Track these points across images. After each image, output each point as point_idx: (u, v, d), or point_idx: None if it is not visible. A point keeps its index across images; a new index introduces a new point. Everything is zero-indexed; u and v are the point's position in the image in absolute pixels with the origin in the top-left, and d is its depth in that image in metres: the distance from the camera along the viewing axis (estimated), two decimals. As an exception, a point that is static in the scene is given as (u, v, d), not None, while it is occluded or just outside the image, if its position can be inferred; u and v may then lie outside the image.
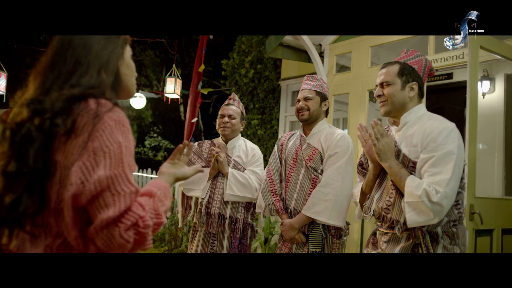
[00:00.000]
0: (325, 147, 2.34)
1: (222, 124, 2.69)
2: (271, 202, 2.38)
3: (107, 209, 0.87)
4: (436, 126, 1.70)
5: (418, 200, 1.59)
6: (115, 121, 0.92)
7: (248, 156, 2.72)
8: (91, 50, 1.01)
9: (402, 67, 1.83)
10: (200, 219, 2.61)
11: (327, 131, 2.41)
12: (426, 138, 1.68)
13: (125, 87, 1.09)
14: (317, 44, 4.82)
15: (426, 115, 1.81)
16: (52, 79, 0.97)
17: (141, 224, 0.89)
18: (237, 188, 2.56)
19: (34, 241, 0.92)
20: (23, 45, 7.21)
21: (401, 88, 1.80)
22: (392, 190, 1.73)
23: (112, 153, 0.89)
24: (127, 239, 0.87)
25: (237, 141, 2.74)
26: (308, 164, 2.34)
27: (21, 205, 0.88)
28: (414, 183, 1.62)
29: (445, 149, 1.64)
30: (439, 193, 1.58)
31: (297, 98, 2.48)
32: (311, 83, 2.47)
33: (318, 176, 2.32)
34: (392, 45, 4.92)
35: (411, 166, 1.70)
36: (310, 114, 2.40)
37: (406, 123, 1.80)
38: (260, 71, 6.83)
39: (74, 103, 0.92)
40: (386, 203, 1.73)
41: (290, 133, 2.60)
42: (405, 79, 1.81)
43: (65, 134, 0.90)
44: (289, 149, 2.47)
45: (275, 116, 6.58)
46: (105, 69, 1.01)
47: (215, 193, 2.61)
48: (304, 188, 2.33)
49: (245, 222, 2.61)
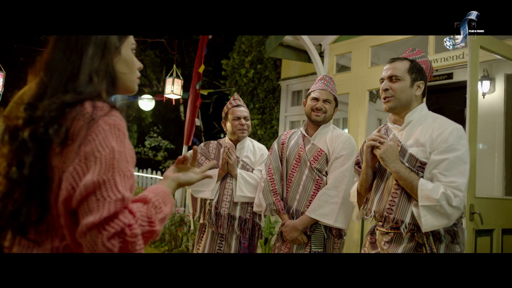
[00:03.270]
0: (331, 149, 2.33)
1: (239, 126, 2.67)
2: (272, 202, 2.37)
3: (90, 215, 0.84)
4: (445, 127, 1.68)
5: (436, 203, 1.57)
6: (110, 126, 0.89)
7: (256, 156, 2.72)
8: (84, 51, 0.98)
9: (413, 65, 1.80)
10: (209, 220, 2.60)
11: (333, 133, 2.40)
12: (436, 138, 1.66)
13: (122, 85, 1.06)
14: (317, 44, 4.82)
15: (430, 115, 1.80)
16: (47, 81, 0.95)
17: (128, 232, 0.86)
18: (247, 188, 2.56)
19: (40, 246, 0.92)
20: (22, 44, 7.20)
21: (410, 85, 1.78)
22: (395, 191, 1.71)
23: (104, 158, 0.86)
24: (109, 248, 0.84)
25: (245, 141, 2.75)
26: (313, 165, 2.32)
27: (23, 215, 0.87)
28: (430, 186, 1.60)
29: (458, 152, 1.62)
30: (458, 197, 1.57)
31: (314, 96, 2.41)
32: (330, 85, 2.44)
33: (322, 178, 2.31)
34: (392, 45, 4.92)
35: (418, 166, 1.68)
36: (325, 117, 2.39)
37: (410, 122, 1.78)
38: (260, 71, 6.83)
39: (67, 109, 0.90)
40: (389, 204, 1.71)
41: (290, 132, 2.58)
42: (414, 77, 1.79)
43: (61, 143, 0.88)
44: (291, 148, 2.45)
45: (275, 116, 6.58)
46: (97, 73, 0.97)
47: (224, 194, 2.61)
48: (307, 190, 2.32)
49: (254, 222, 2.62)
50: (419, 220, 1.61)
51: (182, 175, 1.15)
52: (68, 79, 0.94)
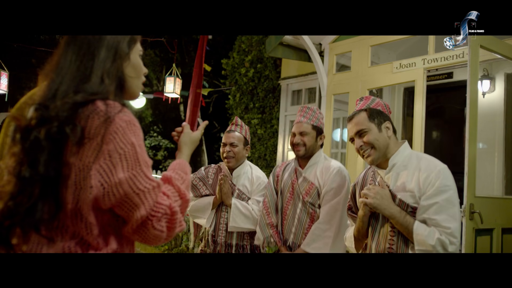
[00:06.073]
0: (321, 182, 2.29)
1: (224, 154, 2.60)
2: (269, 235, 2.37)
3: (138, 209, 0.92)
4: (431, 169, 1.66)
5: (432, 249, 1.57)
6: (126, 122, 0.94)
7: (253, 185, 2.64)
8: (95, 54, 1.00)
9: (369, 112, 1.78)
10: (208, 247, 2.61)
11: (323, 164, 2.34)
12: (423, 183, 1.64)
13: (129, 90, 1.09)
14: (317, 43, 4.82)
15: (414, 155, 1.76)
16: (58, 82, 0.97)
17: (170, 212, 0.95)
18: (240, 219, 2.52)
19: (49, 243, 0.92)
20: (23, 44, 7.20)
21: (379, 131, 1.75)
22: (392, 237, 1.70)
23: (128, 155, 0.92)
24: (160, 230, 0.94)
25: (242, 168, 2.65)
26: (305, 199, 2.30)
27: (38, 212, 0.89)
28: (425, 232, 1.59)
29: (446, 194, 1.61)
30: (453, 243, 1.57)
31: (292, 130, 2.39)
32: (307, 115, 2.36)
33: (316, 211, 2.28)
34: (392, 44, 4.93)
35: (410, 211, 1.66)
36: (306, 150, 2.32)
37: (394, 164, 1.75)
38: (260, 71, 6.83)
39: (80, 109, 0.92)
40: (387, 250, 1.71)
41: (284, 164, 2.54)
42: (378, 121, 1.76)
43: (77, 142, 0.90)
44: (285, 181, 2.42)
45: (275, 116, 6.58)
46: (108, 75, 1.01)
47: (220, 222, 2.59)
48: (302, 223, 2.30)
49: (253, 247, 2.59)
50: None
51: (182, 137, 1.30)
52: (80, 81, 0.97)
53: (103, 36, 1.03)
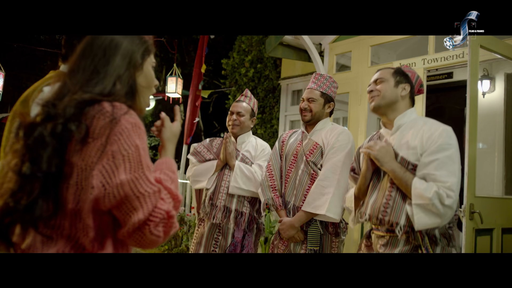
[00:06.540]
0: (325, 142, 2.33)
1: (230, 121, 2.68)
2: (270, 197, 2.37)
3: (136, 212, 0.91)
4: (435, 128, 1.71)
5: (429, 202, 1.59)
6: (132, 124, 0.94)
7: (257, 151, 2.70)
8: (110, 61, 1.02)
9: (397, 69, 1.88)
10: (203, 209, 2.59)
11: (329, 128, 2.40)
12: (427, 141, 1.68)
13: (138, 99, 1.09)
14: (317, 43, 4.82)
15: (420, 119, 1.82)
16: (70, 85, 0.98)
17: (167, 216, 0.94)
18: (242, 181, 2.53)
19: (45, 242, 0.92)
20: (23, 44, 7.20)
21: (394, 85, 1.83)
22: (390, 193, 1.72)
23: (131, 157, 0.92)
24: (157, 235, 0.93)
25: (247, 137, 2.74)
26: (309, 158, 2.32)
27: (37, 209, 0.89)
28: (423, 185, 1.62)
29: (448, 152, 1.64)
30: (450, 196, 1.59)
31: (302, 96, 2.46)
32: (317, 82, 2.43)
33: (317, 171, 2.30)
34: (392, 44, 4.93)
35: (411, 169, 1.69)
36: (312, 116, 2.38)
37: (400, 126, 1.81)
38: (260, 70, 6.83)
39: (86, 107, 0.93)
40: (383, 206, 1.72)
41: (292, 131, 2.59)
42: (399, 79, 1.84)
43: (81, 140, 0.90)
44: (290, 145, 2.46)
45: (275, 116, 6.58)
46: (121, 81, 1.02)
47: (221, 185, 2.58)
48: (302, 184, 2.32)
49: (251, 217, 2.58)
50: (412, 218, 1.63)
51: (165, 132, 1.22)
52: (92, 83, 0.98)
53: (119, 44, 1.04)
